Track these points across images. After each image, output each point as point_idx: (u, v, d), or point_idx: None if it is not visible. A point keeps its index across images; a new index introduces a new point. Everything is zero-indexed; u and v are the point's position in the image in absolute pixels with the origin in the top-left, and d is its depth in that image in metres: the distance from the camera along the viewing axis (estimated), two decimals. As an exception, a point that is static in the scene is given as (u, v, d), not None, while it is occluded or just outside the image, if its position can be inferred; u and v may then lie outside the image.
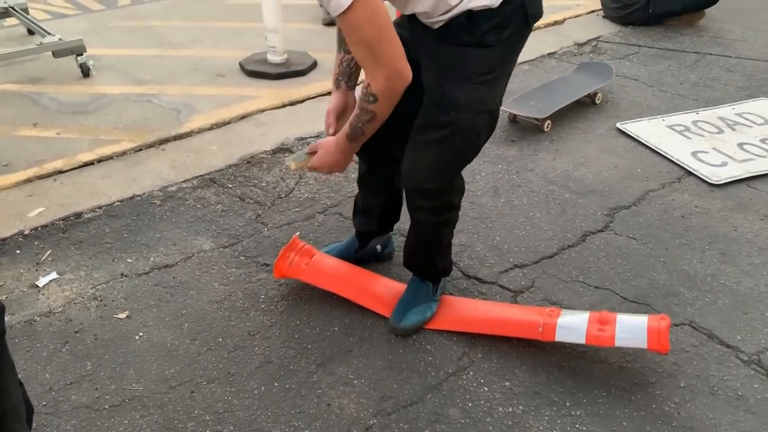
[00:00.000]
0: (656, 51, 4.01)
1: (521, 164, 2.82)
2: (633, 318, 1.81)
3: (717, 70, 3.74)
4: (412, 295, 1.98)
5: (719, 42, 4.14)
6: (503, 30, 1.54)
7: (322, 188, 2.68)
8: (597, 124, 3.17)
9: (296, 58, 3.83)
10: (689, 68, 3.77)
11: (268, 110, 3.31)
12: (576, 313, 1.88)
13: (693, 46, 4.09)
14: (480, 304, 2.02)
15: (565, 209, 2.53)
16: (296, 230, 2.41)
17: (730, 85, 3.54)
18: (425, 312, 1.97)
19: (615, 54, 3.98)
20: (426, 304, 1.98)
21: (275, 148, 2.98)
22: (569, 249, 2.31)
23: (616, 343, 1.75)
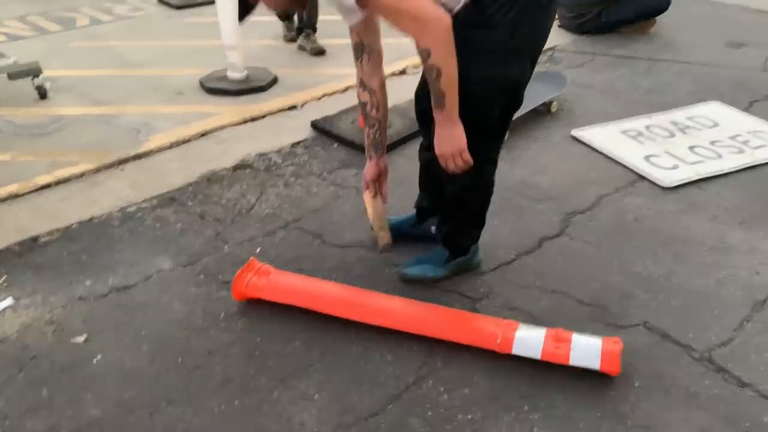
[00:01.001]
0: (610, 59, 4.11)
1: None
2: (588, 339, 1.85)
3: (669, 75, 3.84)
4: (429, 254, 2.21)
5: (670, 48, 4.26)
6: (509, 11, 1.64)
7: (283, 203, 2.68)
8: (553, 132, 3.22)
9: (256, 74, 3.84)
10: (642, 74, 3.86)
11: (228, 127, 3.31)
12: (533, 329, 1.91)
13: (645, 52, 4.19)
14: (442, 311, 2.03)
15: (522, 215, 2.56)
16: (257, 246, 2.41)
17: (682, 90, 3.64)
18: (428, 271, 2.18)
19: (570, 62, 4.06)
20: (433, 266, 2.19)
21: (236, 164, 2.97)
22: (527, 254, 2.34)
23: (570, 362, 1.80)
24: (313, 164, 2.97)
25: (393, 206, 2.61)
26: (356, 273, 2.27)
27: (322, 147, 3.12)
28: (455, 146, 1.74)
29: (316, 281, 2.15)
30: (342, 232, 2.49)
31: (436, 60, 1.56)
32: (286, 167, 2.95)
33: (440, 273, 2.19)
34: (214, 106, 3.55)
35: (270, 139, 3.20)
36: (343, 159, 3.01)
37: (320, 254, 2.37)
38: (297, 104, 3.55)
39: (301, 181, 2.84)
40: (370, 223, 2.22)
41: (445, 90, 1.62)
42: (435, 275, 2.19)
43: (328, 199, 2.70)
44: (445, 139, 1.73)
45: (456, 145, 1.73)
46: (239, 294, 2.08)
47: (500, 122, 1.90)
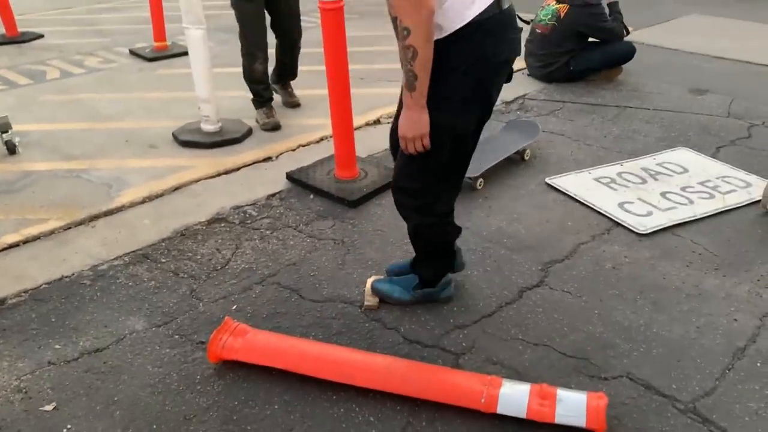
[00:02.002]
0: (580, 106, 4.20)
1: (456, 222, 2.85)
2: (573, 395, 1.84)
3: (637, 122, 3.93)
4: (402, 277, 2.34)
5: (637, 95, 4.37)
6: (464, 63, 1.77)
7: (259, 257, 2.65)
8: (527, 180, 3.26)
9: (230, 126, 3.84)
10: (611, 121, 3.95)
11: (202, 180, 3.29)
12: (517, 384, 1.88)
13: (614, 99, 4.29)
14: (425, 370, 2.00)
15: (501, 266, 2.56)
16: (233, 303, 2.36)
17: (650, 136, 3.72)
18: (395, 291, 2.31)
19: (541, 110, 4.14)
20: (402, 288, 2.31)
21: (210, 218, 2.94)
22: (507, 306, 2.34)
23: (555, 420, 1.78)
24: (289, 216, 2.96)
25: (373, 258, 2.60)
26: (335, 329, 2.23)
27: (297, 198, 3.12)
28: (418, 131, 1.82)
29: (294, 340, 2.11)
30: (320, 286, 2.46)
31: (414, 40, 1.64)
32: (261, 220, 2.93)
33: (405, 297, 2.31)
34: (188, 159, 3.53)
35: (245, 191, 3.18)
36: (319, 210, 3.00)
37: (298, 310, 2.33)
38: (272, 156, 3.55)
39: (277, 233, 2.82)
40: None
41: (418, 72, 1.69)
42: (400, 297, 2.31)
43: (305, 251, 2.68)
44: (410, 122, 1.81)
45: (419, 130, 1.82)
46: (215, 356, 2.03)
47: (450, 169, 2.00)
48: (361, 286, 2.44)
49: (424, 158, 1.90)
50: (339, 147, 3.17)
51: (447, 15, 1.71)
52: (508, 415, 1.82)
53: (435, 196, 2.05)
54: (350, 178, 3.20)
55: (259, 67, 3.78)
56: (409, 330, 2.22)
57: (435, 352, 2.12)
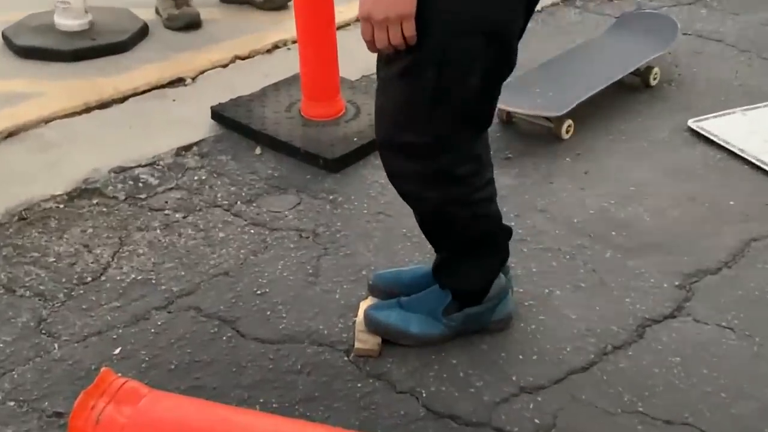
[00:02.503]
0: (751, -12, 4.19)
1: (524, 201, 2.88)
2: None
3: None
4: (419, 296, 2.36)
5: None
6: None
7: (162, 261, 2.66)
8: (655, 123, 3.27)
9: (109, 21, 3.87)
10: (809, 17, 3.95)
11: (58, 119, 3.33)
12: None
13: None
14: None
15: (607, 280, 2.57)
16: (114, 345, 2.38)
17: None
18: (411, 324, 2.32)
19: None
20: (422, 314, 2.32)
21: (73, 189, 2.97)
22: (616, 353, 2.34)
23: None
24: (217, 187, 2.99)
25: (368, 263, 2.60)
26: (302, 392, 2.24)
27: (232, 155, 3.15)
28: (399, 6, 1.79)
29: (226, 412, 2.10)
30: (273, 313, 2.48)
31: None
32: (166, 193, 2.96)
33: (433, 330, 2.33)
34: (32, 79, 3.55)
35: (136, 141, 3.21)
36: (271, 176, 3.03)
37: (234, 358, 2.34)
38: (185, 77, 3.58)
39: (195, 219, 2.84)
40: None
41: None
42: (421, 333, 2.32)
43: (247, 251, 2.70)
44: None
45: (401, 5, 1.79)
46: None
47: (482, 95, 2.01)
48: (348, 313, 2.44)
49: (436, 84, 1.90)
50: (309, 61, 3.18)
51: None
52: None
53: (458, 152, 2.06)
54: (329, 119, 3.22)
55: None
56: (436, 394, 2.22)
57: None
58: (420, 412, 2.18)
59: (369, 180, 2.99)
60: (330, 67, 3.19)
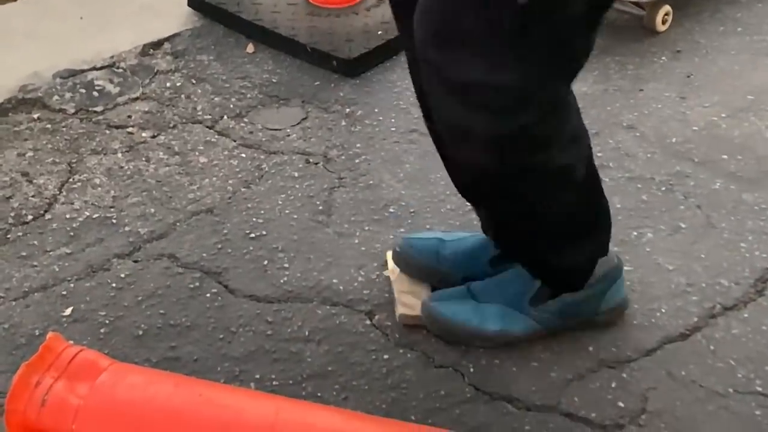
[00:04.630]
0: None
1: (606, 114, 2.89)
2: None
3: None
4: (496, 280, 2.35)
5: None
6: None
7: (126, 194, 2.66)
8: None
9: None
10: None
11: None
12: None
13: None
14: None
15: (715, 220, 2.57)
16: (64, 303, 2.38)
17: None
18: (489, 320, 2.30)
19: None
20: (504, 308, 2.30)
21: (5, 100, 2.99)
22: (726, 315, 2.34)
23: None
24: (197, 97, 3.01)
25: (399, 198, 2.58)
26: (311, 366, 2.24)
27: (216, 54, 3.18)
28: None
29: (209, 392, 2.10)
30: (272, 263, 2.49)
31: None
32: (129, 105, 2.99)
33: (519, 326, 2.32)
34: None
35: (89, 36, 3.23)
36: (268, 82, 3.04)
37: (220, 320, 2.35)
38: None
39: (167, 138, 2.86)
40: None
41: None
42: (505, 329, 2.31)
43: (237, 182, 2.71)
44: None
45: None
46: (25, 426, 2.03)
47: (586, 24, 1.96)
48: (370, 263, 2.45)
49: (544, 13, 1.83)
50: None
51: None
52: None
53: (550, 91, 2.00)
54: (344, 5, 3.25)
55: None
56: (487, 370, 2.23)
57: (552, 420, 2.13)
58: (466, 393, 2.18)
59: (398, 87, 2.96)
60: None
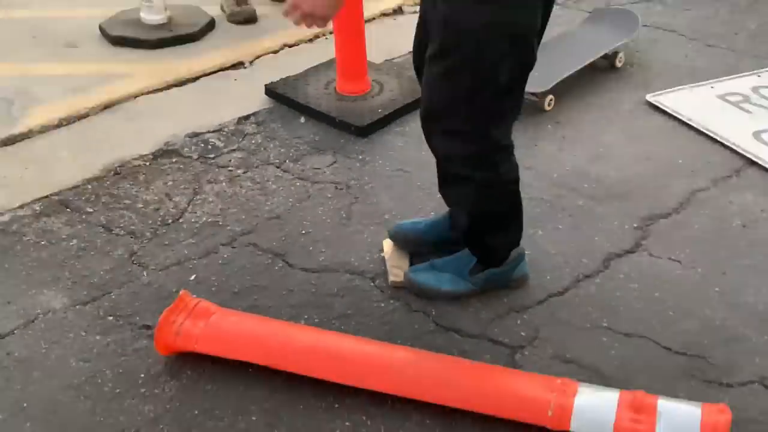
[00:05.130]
0: (699, -12, 4.13)
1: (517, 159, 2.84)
2: (680, 407, 1.84)
3: (784, 12, 3.87)
4: (449, 258, 2.30)
5: (785, -28, 4.27)
6: None
7: (228, 207, 2.67)
8: (619, 97, 3.24)
9: (183, 16, 3.84)
10: (745, 12, 3.89)
11: (144, 95, 3.31)
12: (599, 391, 1.90)
13: (750, -21, 4.21)
14: (465, 369, 2.02)
15: (579, 223, 2.57)
16: (190, 272, 2.39)
17: (803, 34, 3.67)
18: (444, 282, 2.27)
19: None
20: (453, 275, 2.27)
21: (157, 150, 2.97)
22: (586, 280, 2.34)
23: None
24: (270, 149, 2.98)
25: (391, 209, 2.60)
26: (338, 310, 2.25)
27: (281, 123, 3.13)
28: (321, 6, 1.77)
29: (279, 326, 2.13)
30: (315, 249, 2.49)
31: None
32: (230, 153, 2.95)
33: (462, 287, 2.27)
34: (123, 63, 3.53)
35: (206, 112, 3.19)
36: (313, 140, 3.01)
37: (284, 283, 2.35)
38: (244, 60, 3.55)
39: (252, 173, 2.84)
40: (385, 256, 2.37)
41: None
42: (454, 289, 2.27)
43: (294, 200, 2.70)
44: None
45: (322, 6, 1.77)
46: (166, 346, 2.05)
47: (510, 89, 1.94)
48: (374, 248, 2.45)
49: (473, 80, 1.85)
50: (342, 48, 3.16)
51: None
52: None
53: (491, 138, 2.01)
54: (358, 94, 3.20)
55: None
56: (445, 313, 2.24)
57: (481, 344, 2.14)
58: (430, 327, 2.20)
59: (390, 143, 2.99)
60: (359, 53, 3.17)
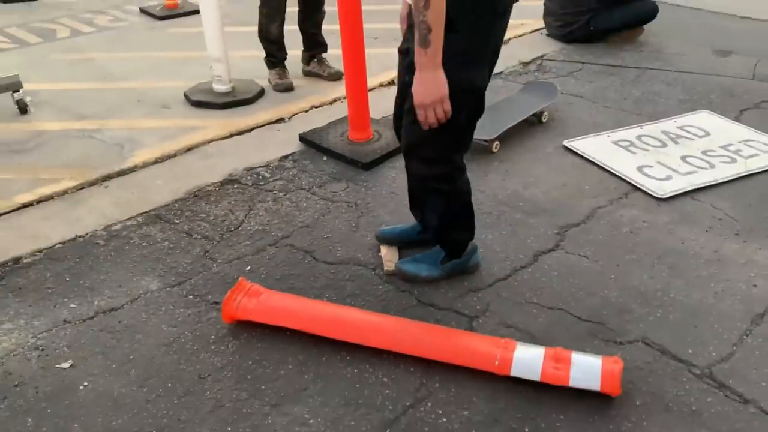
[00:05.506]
0: (599, 67, 4.12)
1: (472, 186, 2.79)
2: (587, 359, 1.84)
3: (658, 84, 3.85)
4: (426, 253, 2.29)
5: (659, 57, 4.27)
6: (470, 17, 1.73)
7: (272, 219, 2.65)
8: (545, 142, 3.22)
9: (243, 86, 3.81)
10: (631, 83, 3.87)
11: (214, 141, 3.28)
12: (531, 348, 1.89)
13: (634, 61, 4.20)
14: (437, 331, 2.01)
15: (517, 230, 2.55)
16: (246, 265, 2.38)
17: (672, 99, 3.65)
18: (422, 270, 2.26)
19: (559, 71, 4.06)
20: (429, 265, 2.26)
21: (223, 179, 2.94)
22: (522, 270, 2.33)
23: (570, 383, 1.79)
24: (302, 178, 2.95)
25: (386, 220, 2.59)
26: (349, 291, 2.24)
27: (310, 160, 3.10)
28: (437, 93, 1.71)
29: (308, 302, 2.13)
30: (333, 248, 2.47)
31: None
32: (274, 182, 2.93)
33: (435, 273, 2.26)
34: (200, 119, 3.51)
35: (257, 153, 3.17)
36: (332, 172, 2.99)
37: (311, 272, 2.34)
38: (284, 117, 3.53)
39: (290, 195, 2.82)
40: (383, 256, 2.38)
41: (432, 24, 1.61)
42: (429, 274, 2.26)
43: (318, 214, 2.68)
44: (427, 85, 1.70)
45: (438, 92, 1.71)
46: (229, 316, 2.05)
47: (467, 127, 1.97)
48: (375, 248, 2.44)
49: (444, 127, 1.84)
50: (352, 108, 3.15)
51: None
52: (522, 378, 1.83)
53: (453, 162, 2.03)
54: (364, 140, 3.18)
55: (277, 29, 3.77)
56: (423, 292, 2.23)
57: (449, 314, 2.13)
58: (413, 302, 2.19)
59: (386, 174, 2.97)
60: (364, 112, 3.16)
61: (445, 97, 1.73)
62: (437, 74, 1.70)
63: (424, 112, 1.76)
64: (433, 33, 1.62)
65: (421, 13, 1.60)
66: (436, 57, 1.66)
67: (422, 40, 1.64)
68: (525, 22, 4.89)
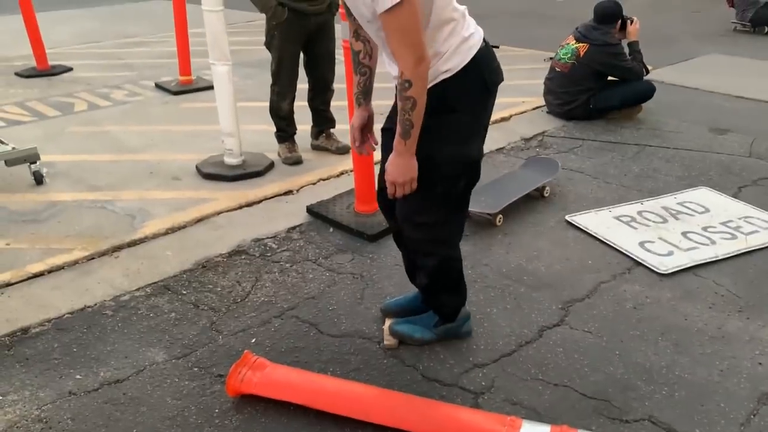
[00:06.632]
0: (599, 144, 4.21)
1: (476, 259, 2.86)
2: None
3: (657, 161, 3.93)
4: (420, 316, 2.34)
5: (657, 134, 4.37)
6: (469, 96, 1.92)
7: (279, 290, 2.66)
8: (547, 217, 3.26)
9: (253, 159, 3.89)
10: (631, 159, 3.95)
11: (224, 212, 3.32)
12: (537, 426, 1.87)
13: (633, 138, 4.30)
14: (445, 409, 1.99)
15: (521, 304, 2.55)
16: (252, 337, 2.37)
17: (671, 176, 3.71)
18: (416, 332, 2.30)
19: (560, 147, 4.15)
20: (422, 328, 2.31)
21: (231, 250, 2.97)
22: (527, 345, 2.32)
23: None
24: (309, 249, 2.98)
25: (391, 293, 2.60)
26: (354, 365, 2.23)
27: (317, 232, 3.13)
28: (409, 175, 1.90)
29: (312, 376, 2.12)
30: (338, 320, 2.47)
31: (415, 91, 1.76)
32: (281, 253, 2.95)
33: (427, 336, 2.30)
34: (211, 191, 3.57)
35: (266, 224, 3.20)
36: (338, 244, 3.02)
37: (316, 345, 2.33)
38: (293, 189, 3.58)
39: (296, 267, 2.83)
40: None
41: (415, 121, 1.81)
42: (422, 337, 2.30)
43: (324, 285, 2.69)
44: (401, 168, 1.89)
45: (410, 174, 1.90)
46: (234, 389, 2.04)
47: (465, 198, 2.11)
48: (379, 321, 2.44)
49: (442, 190, 1.99)
50: (359, 181, 3.21)
51: (452, 59, 1.86)
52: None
53: (452, 227, 2.13)
54: (369, 213, 3.21)
55: (287, 106, 3.88)
56: (428, 368, 2.21)
57: (454, 391, 2.11)
58: (418, 378, 2.17)
59: (392, 246, 2.95)
60: (370, 184, 3.18)
61: (414, 178, 1.91)
62: (411, 161, 1.89)
63: (395, 188, 1.93)
64: (414, 129, 1.82)
65: (407, 112, 1.80)
66: (412, 147, 1.86)
67: (405, 133, 1.83)
68: (526, 100, 5.03)
